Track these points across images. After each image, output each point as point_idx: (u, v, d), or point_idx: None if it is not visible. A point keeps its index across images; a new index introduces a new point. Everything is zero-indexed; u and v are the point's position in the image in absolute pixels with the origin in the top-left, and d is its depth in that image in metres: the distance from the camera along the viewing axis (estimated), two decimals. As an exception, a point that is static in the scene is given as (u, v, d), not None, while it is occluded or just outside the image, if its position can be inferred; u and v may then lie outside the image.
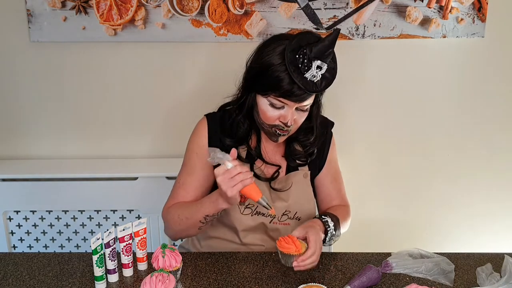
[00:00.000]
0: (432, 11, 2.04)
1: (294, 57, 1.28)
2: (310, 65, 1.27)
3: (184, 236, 1.50)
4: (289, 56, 1.28)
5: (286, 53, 1.28)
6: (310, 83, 1.29)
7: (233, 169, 1.24)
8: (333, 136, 1.58)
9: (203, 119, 1.50)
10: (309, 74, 1.28)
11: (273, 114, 1.36)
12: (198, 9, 2.01)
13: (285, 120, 1.35)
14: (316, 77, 1.29)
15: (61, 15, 2.00)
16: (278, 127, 1.37)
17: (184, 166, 1.50)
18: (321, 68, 1.28)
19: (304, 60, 1.27)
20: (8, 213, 2.07)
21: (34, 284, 1.29)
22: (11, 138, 2.17)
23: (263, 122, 1.40)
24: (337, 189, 1.57)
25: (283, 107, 1.35)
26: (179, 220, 1.42)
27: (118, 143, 2.19)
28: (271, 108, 1.36)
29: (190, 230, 1.43)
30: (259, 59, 1.35)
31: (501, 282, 1.26)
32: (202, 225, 1.40)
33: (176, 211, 1.43)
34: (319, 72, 1.29)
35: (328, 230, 1.38)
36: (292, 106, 1.34)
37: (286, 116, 1.35)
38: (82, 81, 2.10)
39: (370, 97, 2.16)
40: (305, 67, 1.27)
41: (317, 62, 1.28)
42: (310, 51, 1.27)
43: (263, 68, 1.33)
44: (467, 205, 2.29)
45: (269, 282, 1.31)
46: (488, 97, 2.16)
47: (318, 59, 1.28)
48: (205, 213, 1.36)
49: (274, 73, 1.30)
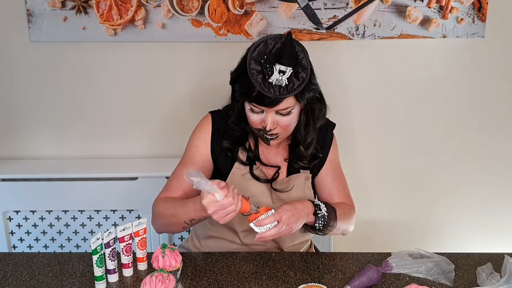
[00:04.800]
0: (432, 11, 2.04)
1: (259, 62, 1.28)
2: (272, 69, 1.27)
3: (168, 231, 1.50)
4: (252, 62, 1.29)
5: (248, 59, 1.29)
6: (275, 88, 1.28)
7: (226, 201, 1.22)
8: (335, 137, 1.57)
9: (208, 116, 1.51)
10: (273, 79, 1.27)
11: (255, 119, 1.36)
12: (198, 9, 2.01)
13: (264, 125, 1.36)
14: (281, 81, 1.28)
15: (61, 15, 2.00)
16: (262, 131, 1.38)
17: (182, 158, 1.50)
18: (284, 72, 1.28)
19: (266, 64, 1.27)
20: (8, 213, 2.07)
21: (34, 284, 1.29)
22: (11, 138, 2.17)
23: (251, 126, 1.41)
24: (339, 189, 1.56)
25: (262, 112, 1.35)
26: (163, 215, 1.41)
27: (118, 143, 2.19)
28: (251, 113, 1.36)
29: (173, 227, 1.42)
30: (240, 63, 1.37)
31: (501, 282, 1.26)
32: (187, 226, 1.39)
33: (163, 206, 1.42)
34: (284, 76, 1.28)
35: (319, 213, 1.37)
36: (269, 110, 1.33)
37: (266, 120, 1.35)
38: (82, 81, 2.10)
39: (370, 97, 2.16)
40: (268, 72, 1.27)
41: (278, 66, 1.27)
42: (270, 54, 1.27)
43: (238, 74, 1.34)
44: (467, 205, 2.29)
45: (269, 282, 1.31)
46: (488, 97, 2.16)
47: (278, 63, 1.27)
48: (190, 217, 1.35)
49: (245, 78, 1.30)
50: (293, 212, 1.32)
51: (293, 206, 1.33)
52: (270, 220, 1.28)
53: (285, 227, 1.29)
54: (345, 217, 1.48)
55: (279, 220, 1.28)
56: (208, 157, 1.47)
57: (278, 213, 1.29)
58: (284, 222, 1.29)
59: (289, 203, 1.35)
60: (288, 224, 1.30)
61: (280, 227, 1.28)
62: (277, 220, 1.28)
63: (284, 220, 1.29)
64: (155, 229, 1.49)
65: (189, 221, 1.36)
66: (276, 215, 1.29)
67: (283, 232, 1.30)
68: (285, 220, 1.29)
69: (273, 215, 1.28)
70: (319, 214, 1.37)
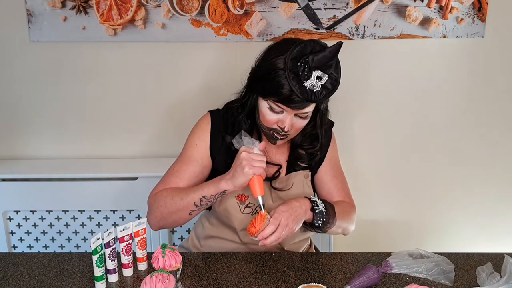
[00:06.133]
0: (432, 11, 2.04)
1: (295, 65, 1.28)
2: (310, 74, 1.27)
3: (170, 222, 1.43)
4: (290, 63, 1.28)
5: (287, 60, 1.28)
6: (308, 92, 1.28)
7: (261, 155, 1.29)
8: (334, 135, 1.58)
9: (207, 115, 1.51)
10: (308, 83, 1.28)
11: (272, 118, 1.36)
12: (198, 9, 2.01)
13: (282, 125, 1.36)
14: (316, 87, 1.28)
15: (61, 15, 2.00)
16: (275, 130, 1.38)
17: (180, 155, 1.49)
18: (321, 79, 1.28)
19: (304, 68, 1.27)
20: (8, 213, 2.07)
21: (34, 284, 1.29)
22: (11, 138, 2.17)
23: (262, 124, 1.41)
24: (338, 187, 1.56)
25: (282, 112, 1.35)
26: (171, 201, 1.38)
27: (118, 143, 2.19)
28: (270, 111, 1.36)
29: (180, 213, 1.39)
30: (264, 61, 1.36)
31: (501, 282, 1.27)
32: (195, 209, 1.37)
33: (169, 193, 1.40)
34: (319, 82, 1.28)
35: (317, 209, 1.37)
36: (290, 112, 1.34)
37: (284, 121, 1.35)
38: (82, 81, 2.10)
39: (370, 97, 2.16)
40: (305, 76, 1.27)
41: (317, 72, 1.28)
42: (312, 60, 1.27)
43: (266, 71, 1.33)
44: (467, 205, 2.29)
45: (269, 282, 1.31)
46: (488, 97, 2.16)
47: (319, 69, 1.27)
48: (202, 193, 1.34)
49: (275, 78, 1.30)
50: (290, 212, 1.32)
51: (289, 206, 1.33)
52: (271, 229, 1.28)
53: (285, 230, 1.29)
54: (344, 215, 1.48)
55: (279, 225, 1.29)
56: (207, 155, 1.47)
57: (276, 219, 1.29)
58: (283, 225, 1.29)
59: (284, 203, 1.35)
60: (288, 225, 1.30)
61: (280, 232, 1.29)
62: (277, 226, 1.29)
63: (283, 223, 1.29)
64: (152, 224, 1.46)
65: (199, 200, 1.35)
66: (274, 221, 1.29)
67: (285, 235, 1.30)
68: (284, 222, 1.29)
69: (272, 222, 1.29)
70: (316, 210, 1.37)
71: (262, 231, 1.27)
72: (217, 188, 1.33)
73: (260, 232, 1.27)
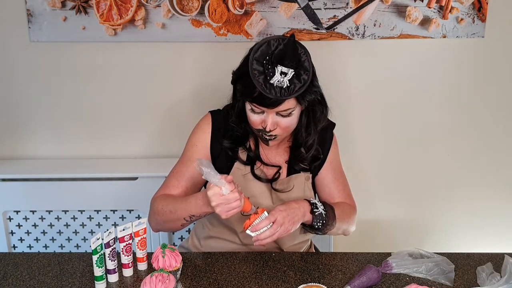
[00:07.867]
0: (432, 11, 2.04)
1: (260, 63, 1.29)
2: (274, 71, 1.27)
3: (167, 229, 1.48)
4: (255, 62, 1.29)
5: (250, 59, 1.29)
6: (277, 89, 1.28)
7: (231, 196, 1.23)
8: (335, 137, 1.57)
9: (208, 115, 1.51)
10: (275, 80, 1.27)
11: (256, 119, 1.37)
12: (198, 9, 2.01)
13: (264, 125, 1.36)
14: (283, 83, 1.28)
15: (61, 15, 2.00)
16: (262, 131, 1.38)
17: (181, 156, 1.50)
18: (286, 74, 1.28)
19: (268, 65, 1.28)
20: (8, 213, 2.07)
21: (34, 284, 1.29)
22: (11, 138, 2.17)
23: (251, 127, 1.41)
24: (339, 189, 1.56)
25: (263, 113, 1.35)
26: (162, 212, 1.40)
27: (118, 143, 2.19)
28: (252, 113, 1.36)
29: (172, 223, 1.41)
30: (241, 64, 1.37)
31: (501, 282, 1.27)
32: (185, 223, 1.39)
33: (162, 202, 1.42)
34: (285, 78, 1.28)
35: (316, 212, 1.37)
36: (270, 111, 1.33)
37: (266, 121, 1.35)
38: (82, 81, 2.10)
39: (370, 97, 2.16)
40: (270, 73, 1.27)
41: (281, 68, 1.27)
42: (272, 55, 1.27)
43: (240, 74, 1.34)
44: (467, 205, 2.29)
45: (269, 282, 1.31)
46: (488, 97, 2.16)
47: (280, 65, 1.27)
48: (191, 212, 1.35)
49: (247, 79, 1.30)
50: (288, 212, 1.32)
51: (288, 206, 1.33)
52: (265, 223, 1.28)
53: (281, 227, 1.29)
54: (344, 216, 1.48)
55: (274, 221, 1.29)
56: (207, 156, 1.47)
57: (272, 215, 1.29)
58: (279, 223, 1.29)
59: (283, 204, 1.35)
60: (283, 224, 1.30)
61: (275, 228, 1.29)
62: (272, 222, 1.29)
63: (279, 220, 1.29)
64: (152, 226, 1.48)
65: (188, 217, 1.36)
66: (270, 217, 1.29)
67: (279, 233, 1.30)
68: (280, 220, 1.29)
69: (267, 217, 1.29)
70: (316, 212, 1.37)
71: (257, 225, 1.27)
72: (201, 211, 1.32)
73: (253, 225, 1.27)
